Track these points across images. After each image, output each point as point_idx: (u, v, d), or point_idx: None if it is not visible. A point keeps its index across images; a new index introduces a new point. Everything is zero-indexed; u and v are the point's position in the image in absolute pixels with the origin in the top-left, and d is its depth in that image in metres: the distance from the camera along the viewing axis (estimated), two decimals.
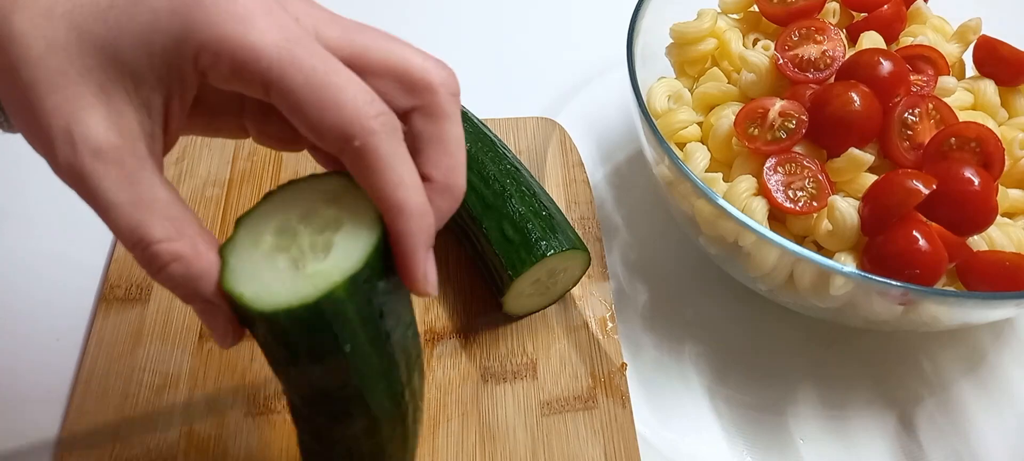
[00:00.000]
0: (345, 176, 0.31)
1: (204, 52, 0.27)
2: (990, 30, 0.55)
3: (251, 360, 0.49)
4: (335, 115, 0.28)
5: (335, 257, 0.29)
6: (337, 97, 0.28)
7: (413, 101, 0.31)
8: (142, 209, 0.28)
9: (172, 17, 0.27)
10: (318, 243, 0.30)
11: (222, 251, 0.30)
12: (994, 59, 0.53)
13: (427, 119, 0.31)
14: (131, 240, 0.28)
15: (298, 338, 0.29)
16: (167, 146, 0.30)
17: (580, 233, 0.51)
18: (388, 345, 0.32)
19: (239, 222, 0.31)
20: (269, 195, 0.32)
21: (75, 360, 0.49)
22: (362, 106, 0.28)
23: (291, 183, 0.32)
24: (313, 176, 0.32)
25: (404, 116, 0.31)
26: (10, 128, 0.33)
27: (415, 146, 0.31)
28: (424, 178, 0.31)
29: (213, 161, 0.59)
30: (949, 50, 0.54)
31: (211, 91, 0.30)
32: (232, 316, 0.30)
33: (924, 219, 0.44)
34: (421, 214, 0.29)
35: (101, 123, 0.27)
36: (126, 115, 0.28)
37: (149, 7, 0.27)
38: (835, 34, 0.51)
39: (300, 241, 0.30)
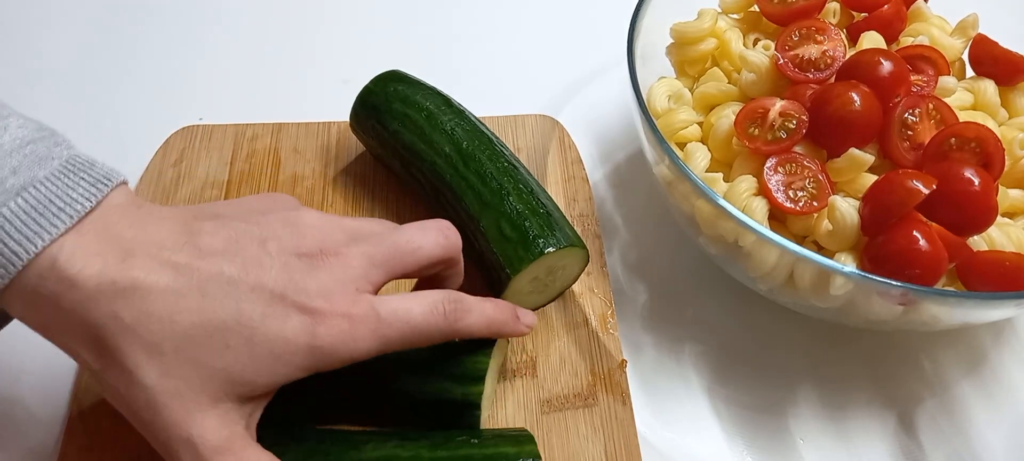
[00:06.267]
0: None
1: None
2: (990, 31, 0.54)
3: None
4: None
5: None
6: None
7: None
8: None
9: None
10: None
11: None
12: (990, 59, 0.53)
13: None
14: None
15: None
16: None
17: (579, 230, 0.51)
18: None
19: None
20: None
21: None
22: None
23: None
24: None
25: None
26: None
27: None
28: None
29: (211, 163, 0.59)
30: (951, 44, 0.54)
31: None
32: None
33: (924, 219, 0.44)
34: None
35: (215, 424, 0.34)
36: (233, 411, 0.35)
37: (270, 352, 0.35)
38: (835, 34, 0.51)
39: None
